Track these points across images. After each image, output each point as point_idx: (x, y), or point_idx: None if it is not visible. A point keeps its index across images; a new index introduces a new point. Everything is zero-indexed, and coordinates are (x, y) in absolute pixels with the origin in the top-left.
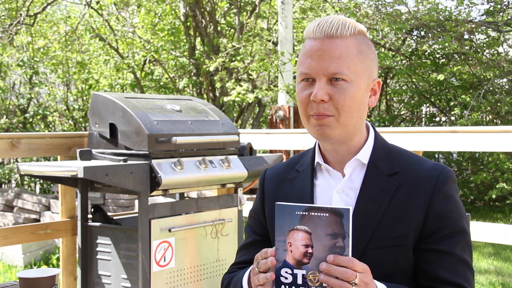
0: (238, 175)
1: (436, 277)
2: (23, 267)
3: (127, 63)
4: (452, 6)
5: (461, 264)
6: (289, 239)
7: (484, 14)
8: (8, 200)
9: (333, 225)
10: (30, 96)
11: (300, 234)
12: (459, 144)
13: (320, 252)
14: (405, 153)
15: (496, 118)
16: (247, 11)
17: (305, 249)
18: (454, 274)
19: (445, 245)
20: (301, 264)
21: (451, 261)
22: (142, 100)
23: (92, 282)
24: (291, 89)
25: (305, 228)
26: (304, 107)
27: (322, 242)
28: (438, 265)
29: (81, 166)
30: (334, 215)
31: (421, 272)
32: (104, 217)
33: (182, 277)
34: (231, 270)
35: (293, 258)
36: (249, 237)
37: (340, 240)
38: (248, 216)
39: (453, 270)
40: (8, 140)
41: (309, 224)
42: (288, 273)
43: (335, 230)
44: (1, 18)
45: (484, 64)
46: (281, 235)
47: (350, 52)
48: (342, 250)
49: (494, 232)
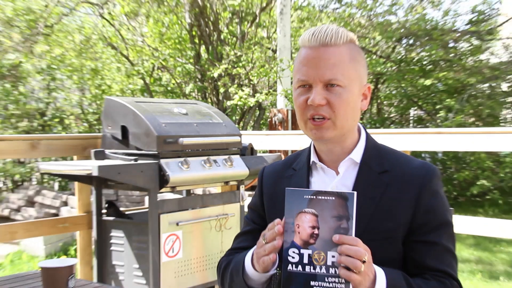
0: (240, 173)
1: (425, 265)
2: (44, 258)
3: (137, 70)
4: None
5: (447, 253)
6: (297, 221)
7: (468, 24)
8: (29, 196)
9: (339, 208)
10: (48, 101)
11: (307, 217)
12: (444, 144)
13: (325, 233)
14: (394, 153)
15: (478, 120)
16: (248, 20)
17: (311, 230)
18: (441, 262)
19: (432, 236)
20: (308, 244)
21: (437, 250)
22: (151, 104)
23: (107, 271)
24: (289, 93)
25: (312, 211)
26: (301, 111)
27: (328, 224)
28: (426, 255)
29: (96, 165)
30: (340, 199)
31: (411, 261)
32: (117, 212)
33: (189, 267)
34: (229, 253)
35: (300, 239)
36: (248, 226)
37: (344, 222)
38: (248, 208)
39: (440, 259)
40: (29, 141)
41: (316, 207)
42: (295, 252)
43: (340, 212)
44: (22, 29)
45: (468, 71)
46: (290, 218)
47: (343, 59)
48: (346, 231)
49: (475, 225)
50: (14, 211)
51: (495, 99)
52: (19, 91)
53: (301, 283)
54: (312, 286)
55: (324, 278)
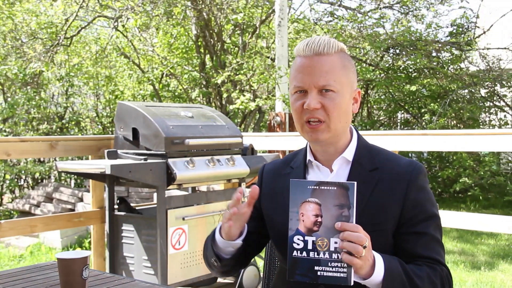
0: (241, 171)
1: (415, 253)
2: (61, 249)
3: (148, 77)
4: (422, 29)
5: (434, 242)
6: (301, 210)
7: (449, 35)
8: (48, 193)
9: (340, 197)
10: (66, 105)
11: (311, 206)
12: (429, 144)
13: (328, 221)
14: (383, 151)
15: (459, 123)
16: (249, 32)
17: (315, 218)
18: (430, 251)
19: (421, 227)
20: (312, 231)
21: (426, 240)
22: (160, 108)
23: (118, 262)
24: (286, 98)
25: (315, 200)
26: (298, 115)
27: (330, 212)
28: (416, 244)
29: (109, 164)
30: (341, 189)
31: (402, 251)
32: (128, 207)
33: (194, 258)
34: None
35: (304, 227)
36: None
37: (346, 210)
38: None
39: (428, 247)
40: (48, 142)
41: (319, 196)
42: (300, 239)
43: (341, 201)
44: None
45: (449, 78)
46: (294, 207)
47: (335, 67)
48: (348, 219)
49: (458, 219)
50: (34, 206)
51: (474, 104)
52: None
53: (306, 268)
54: (316, 270)
55: (327, 263)
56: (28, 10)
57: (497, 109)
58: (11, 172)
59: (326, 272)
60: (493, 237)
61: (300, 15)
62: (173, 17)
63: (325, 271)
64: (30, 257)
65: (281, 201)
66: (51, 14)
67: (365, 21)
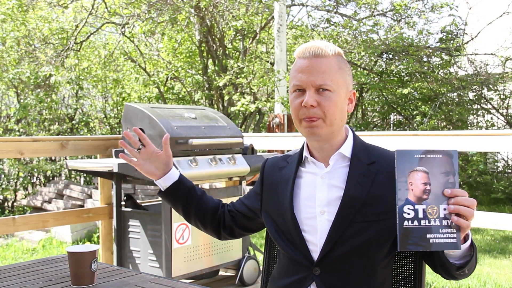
0: (242, 170)
1: None
2: (71, 243)
3: (153, 80)
4: (414, 35)
5: None
6: (409, 179)
7: (439, 41)
8: (59, 190)
9: (446, 164)
10: (76, 107)
11: (419, 174)
12: (420, 145)
13: (436, 188)
14: (378, 148)
15: (449, 124)
16: (250, 37)
17: (424, 186)
18: None
19: None
20: (421, 200)
21: None
22: (165, 110)
23: (125, 256)
24: (285, 100)
25: (423, 169)
26: (296, 112)
27: (438, 180)
28: None
29: (116, 163)
30: (446, 156)
31: None
32: (134, 204)
33: (197, 252)
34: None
35: (414, 196)
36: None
37: (451, 177)
38: (248, 192)
39: None
40: (59, 142)
41: (426, 165)
42: (410, 209)
43: (447, 168)
44: (55, 45)
45: (439, 81)
46: (402, 177)
47: (332, 68)
48: (453, 185)
49: None
50: (46, 203)
51: (463, 106)
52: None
53: (418, 237)
54: (428, 238)
55: (438, 230)
56: (41, 17)
57: (484, 112)
58: (24, 170)
59: (438, 239)
60: (480, 233)
61: (298, 21)
62: (178, 23)
63: (436, 238)
64: (42, 251)
65: (276, 193)
66: (62, 21)
67: (360, 27)
